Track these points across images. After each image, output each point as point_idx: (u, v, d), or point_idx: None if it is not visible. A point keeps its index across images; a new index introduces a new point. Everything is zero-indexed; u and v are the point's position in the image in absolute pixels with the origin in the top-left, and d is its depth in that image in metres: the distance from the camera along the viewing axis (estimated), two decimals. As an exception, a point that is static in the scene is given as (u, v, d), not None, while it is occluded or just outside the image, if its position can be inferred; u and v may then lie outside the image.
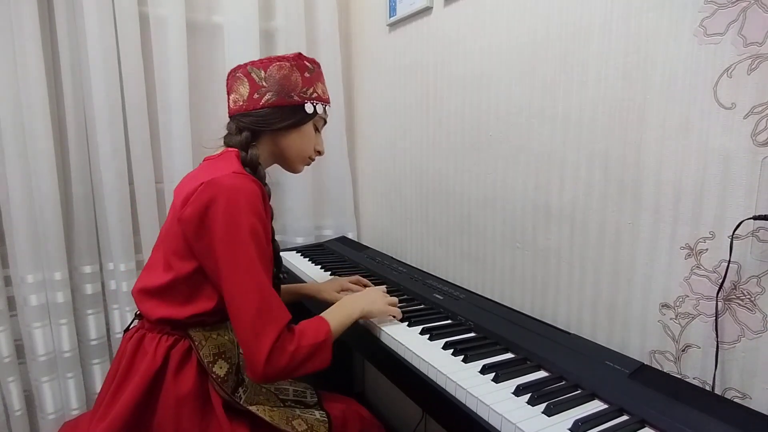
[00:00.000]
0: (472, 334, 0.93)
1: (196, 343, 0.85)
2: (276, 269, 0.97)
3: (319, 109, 0.94)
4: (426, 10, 1.35)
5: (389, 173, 1.62)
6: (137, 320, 0.92)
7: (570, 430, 0.63)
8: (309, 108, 0.92)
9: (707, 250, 0.76)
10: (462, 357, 0.82)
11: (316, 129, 0.98)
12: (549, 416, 0.65)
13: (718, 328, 0.75)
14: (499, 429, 0.65)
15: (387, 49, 1.57)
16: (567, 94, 0.97)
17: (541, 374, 0.79)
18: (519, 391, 0.71)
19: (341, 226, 1.82)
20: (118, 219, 1.40)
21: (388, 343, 0.91)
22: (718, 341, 0.75)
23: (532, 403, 0.68)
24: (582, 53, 0.93)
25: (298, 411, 0.95)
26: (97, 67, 1.32)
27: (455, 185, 1.31)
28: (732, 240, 0.72)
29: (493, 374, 0.76)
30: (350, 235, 1.81)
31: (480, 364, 0.79)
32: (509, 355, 0.85)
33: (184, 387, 0.83)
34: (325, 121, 1.00)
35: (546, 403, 0.67)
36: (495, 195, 1.17)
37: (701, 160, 0.76)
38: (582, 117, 0.94)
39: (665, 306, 0.83)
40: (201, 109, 1.55)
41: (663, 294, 0.83)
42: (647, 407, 0.67)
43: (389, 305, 0.98)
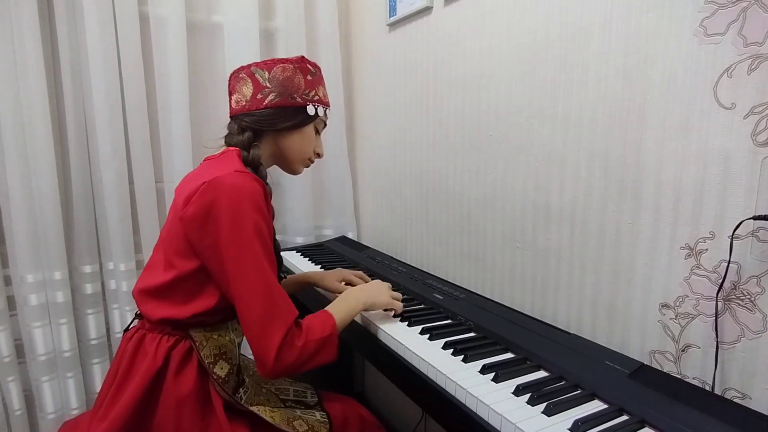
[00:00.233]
0: (472, 334, 0.93)
1: (197, 343, 0.85)
2: (277, 268, 0.97)
3: (320, 111, 0.96)
4: (426, 10, 1.35)
5: (389, 173, 1.62)
6: (137, 320, 0.92)
7: (570, 430, 0.63)
8: (311, 110, 0.93)
9: (707, 250, 0.76)
10: (462, 357, 0.82)
11: (316, 131, 0.99)
12: (549, 416, 0.65)
13: (718, 328, 0.75)
14: (498, 429, 0.65)
15: (387, 49, 1.57)
16: (567, 94, 0.97)
17: (541, 374, 0.79)
18: (519, 391, 0.71)
19: (341, 226, 1.82)
20: (118, 218, 1.40)
21: (388, 343, 0.91)
22: (718, 341, 0.75)
23: (531, 403, 0.68)
24: (582, 53, 0.93)
25: (298, 412, 0.95)
26: (97, 66, 1.32)
27: (455, 185, 1.31)
28: (732, 240, 0.72)
29: (493, 374, 0.76)
30: (350, 235, 1.81)
31: (480, 364, 0.79)
32: (509, 355, 0.85)
33: (184, 387, 0.83)
34: (325, 123, 1.02)
35: (546, 403, 0.67)
36: (495, 195, 1.17)
37: (701, 160, 0.76)
38: (582, 117, 0.94)
39: (665, 306, 0.83)
40: (201, 109, 1.55)
41: (663, 294, 0.83)
42: (647, 407, 0.67)
43: (393, 299, 0.99)
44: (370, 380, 1.90)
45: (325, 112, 0.97)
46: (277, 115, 0.91)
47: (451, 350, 0.84)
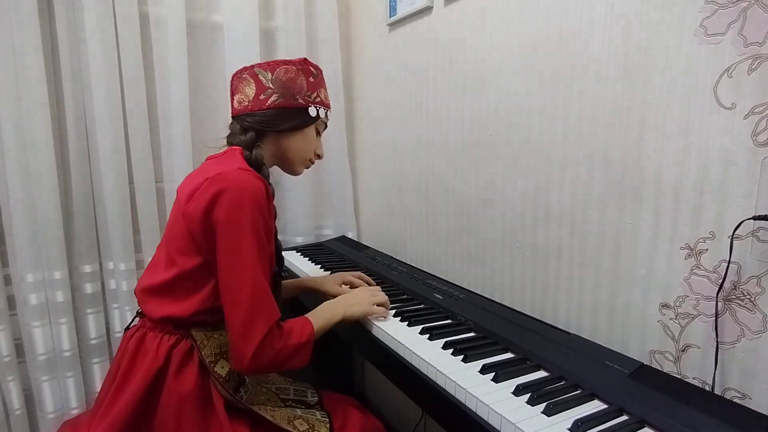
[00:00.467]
0: (472, 334, 0.93)
1: (198, 342, 0.85)
2: (278, 268, 0.97)
3: (322, 113, 0.97)
4: (426, 10, 1.35)
5: (389, 173, 1.62)
6: (138, 318, 0.92)
7: (569, 430, 0.63)
8: (312, 111, 0.95)
9: (707, 250, 0.76)
10: (462, 357, 0.82)
11: (317, 133, 1.01)
12: (549, 416, 0.65)
13: (718, 328, 0.75)
14: (498, 429, 0.65)
15: (387, 49, 1.57)
16: (567, 94, 0.97)
17: (541, 374, 0.79)
18: (519, 391, 0.71)
19: (341, 226, 1.82)
20: (118, 218, 1.40)
21: (387, 342, 0.91)
22: (717, 341, 0.75)
23: (531, 403, 0.68)
24: (582, 53, 0.93)
25: (299, 411, 0.95)
26: (97, 66, 1.32)
27: (455, 185, 1.31)
28: (732, 240, 0.72)
29: (493, 374, 0.76)
30: (350, 235, 1.81)
31: (480, 364, 0.79)
32: (509, 355, 0.85)
33: (185, 386, 0.83)
34: (326, 125, 1.03)
35: (546, 403, 0.67)
36: (495, 195, 1.17)
37: (701, 161, 0.76)
38: (582, 117, 0.94)
39: (665, 306, 0.83)
40: (201, 108, 1.55)
41: (663, 294, 0.83)
42: (647, 407, 0.67)
43: (376, 305, 0.98)
44: (370, 380, 1.90)
45: (326, 113, 0.99)
46: (280, 115, 0.92)
47: (451, 350, 0.84)
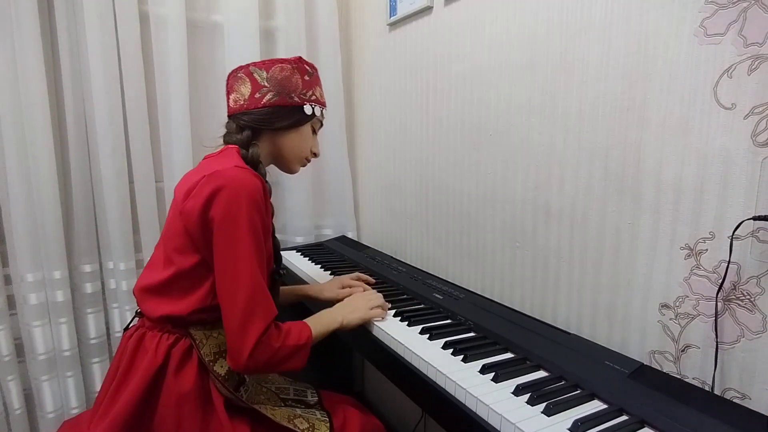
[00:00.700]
0: (472, 334, 0.93)
1: (197, 341, 0.85)
2: (276, 266, 0.97)
3: (317, 111, 0.97)
4: (426, 10, 1.35)
5: (389, 172, 1.62)
6: (137, 318, 0.92)
7: (569, 430, 0.63)
8: (308, 109, 0.95)
9: (707, 250, 0.76)
10: (462, 357, 0.82)
11: (313, 131, 1.01)
12: (548, 416, 0.66)
13: (718, 328, 0.75)
14: (498, 429, 0.65)
15: (387, 49, 1.57)
16: (567, 93, 0.96)
17: (541, 374, 0.79)
18: (518, 391, 0.71)
19: (341, 226, 1.82)
20: (118, 218, 1.40)
21: (387, 342, 0.91)
22: (717, 341, 0.75)
23: (531, 403, 0.68)
24: (582, 53, 0.93)
25: (299, 410, 0.95)
26: (97, 65, 1.32)
27: (455, 184, 1.31)
28: (732, 240, 0.72)
29: (493, 374, 0.76)
30: (350, 235, 1.81)
31: (479, 364, 0.79)
32: (509, 355, 0.85)
33: (185, 385, 0.83)
34: (321, 123, 1.03)
35: (545, 403, 0.67)
36: (495, 194, 1.17)
37: (701, 160, 0.76)
38: (582, 116, 0.94)
39: (665, 306, 0.83)
40: (201, 108, 1.55)
41: (663, 294, 0.83)
42: (647, 407, 0.67)
43: (373, 308, 0.98)
44: (370, 380, 1.90)
45: (321, 111, 0.99)
46: (275, 114, 0.92)
47: (451, 350, 0.84)
